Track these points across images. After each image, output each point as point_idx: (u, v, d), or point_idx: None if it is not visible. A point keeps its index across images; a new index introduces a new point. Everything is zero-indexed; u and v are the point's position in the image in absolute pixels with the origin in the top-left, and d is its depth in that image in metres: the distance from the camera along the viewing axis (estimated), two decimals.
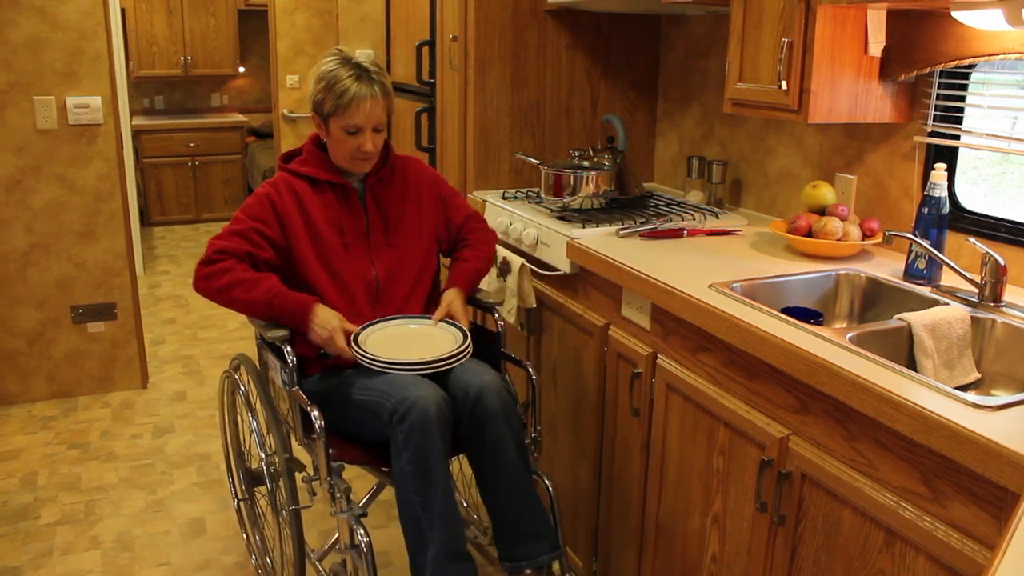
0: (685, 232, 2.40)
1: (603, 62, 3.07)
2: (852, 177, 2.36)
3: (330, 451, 2.06)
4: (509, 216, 2.68)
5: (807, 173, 2.53)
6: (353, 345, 2.08)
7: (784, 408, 1.66)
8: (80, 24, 3.61)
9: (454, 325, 2.21)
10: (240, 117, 7.52)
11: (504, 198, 2.85)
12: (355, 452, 2.15)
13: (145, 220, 6.95)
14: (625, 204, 2.71)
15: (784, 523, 1.66)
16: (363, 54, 4.04)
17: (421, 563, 1.99)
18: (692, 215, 2.57)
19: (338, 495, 2.07)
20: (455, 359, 2.08)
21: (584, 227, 2.40)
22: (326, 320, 2.09)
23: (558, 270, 2.43)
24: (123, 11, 6.49)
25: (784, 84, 2.05)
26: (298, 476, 2.24)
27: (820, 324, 1.89)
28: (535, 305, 2.56)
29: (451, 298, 2.25)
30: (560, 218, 2.53)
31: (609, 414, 2.28)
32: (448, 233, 2.41)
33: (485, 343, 2.34)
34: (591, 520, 2.44)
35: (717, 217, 2.59)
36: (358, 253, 2.24)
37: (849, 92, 2.07)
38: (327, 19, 5.99)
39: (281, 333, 2.12)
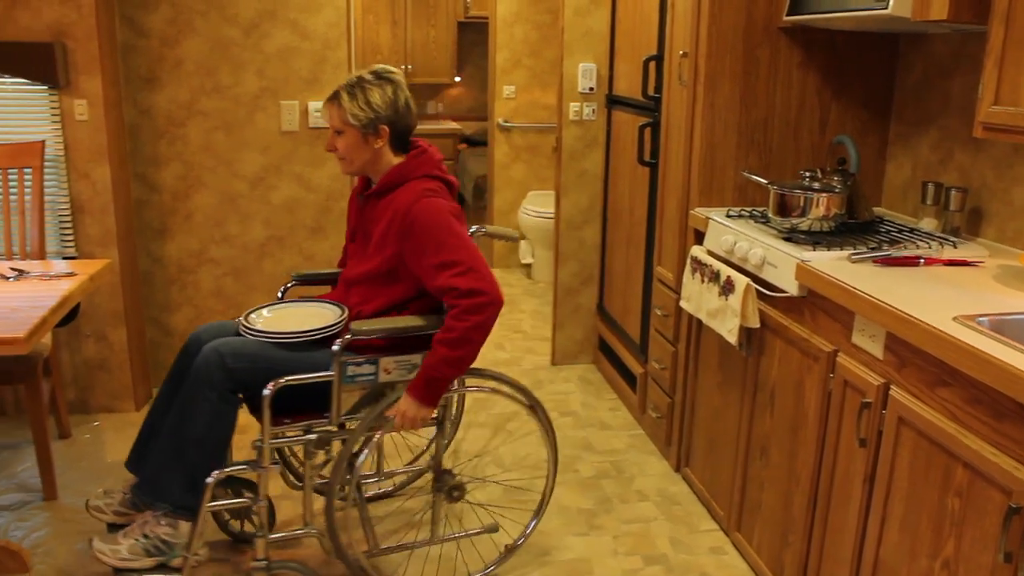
0: (922, 260, 2.30)
1: (835, 81, 2.99)
2: None
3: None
4: (734, 235, 2.66)
5: None
6: (242, 317, 2.50)
7: None
8: (325, 35, 3.87)
9: (338, 307, 2.53)
10: (454, 124, 7.82)
11: (728, 216, 2.83)
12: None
13: None
14: (855, 228, 2.63)
15: None
16: (584, 68, 4.11)
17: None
18: (927, 243, 2.47)
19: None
20: (284, 336, 2.38)
21: (815, 249, 2.35)
22: None
23: (784, 292, 2.39)
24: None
25: None
26: None
27: None
28: (757, 325, 2.52)
29: (399, 408, 2.38)
30: (787, 239, 2.49)
31: (830, 443, 2.22)
32: (423, 283, 2.41)
33: None
34: (801, 548, 2.38)
35: (955, 247, 2.47)
36: (353, 252, 2.62)
37: None
38: (544, 31, 6.12)
39: None
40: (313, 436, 2.41)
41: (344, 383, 2.36)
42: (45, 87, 3.43)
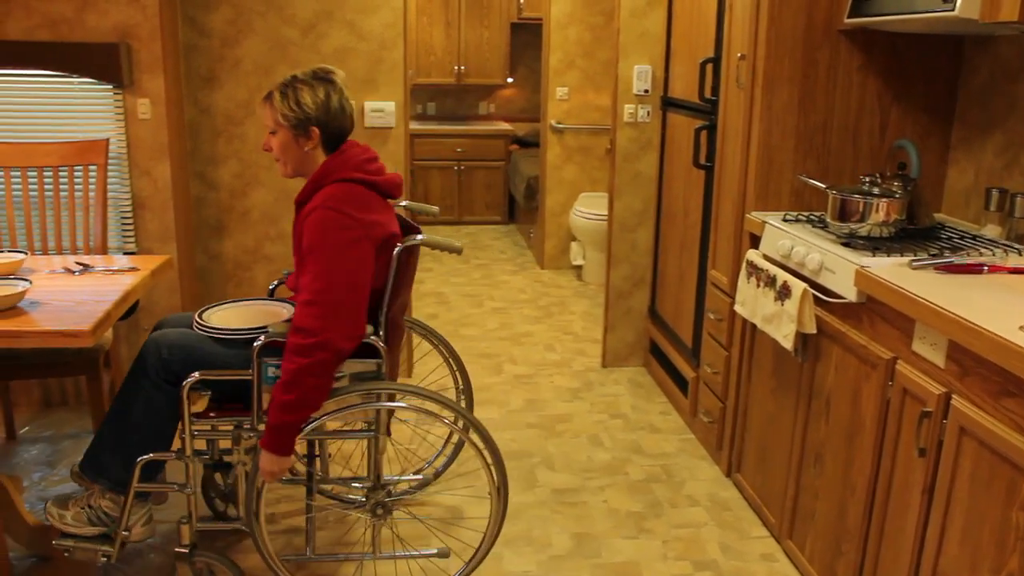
0: (985, 268, 2.25)
1: (896, 85, 2.94)
2: None
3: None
4: (791, 240, 2.63)
5: None
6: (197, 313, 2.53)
7: None
8: (382, 36, 3.91)
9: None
10: (505, 126, 7.83)
11: (785, 220, 2.80)
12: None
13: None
14: (915, 234, 2.59)
15: None
16: (640, 69, 4.10)
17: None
18: (991, 250, 2.42)
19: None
20: (225, 332, 2.42)
21: (874, 255, 2.32)
22: None
23: (842, 298, 2.35)
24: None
25: None
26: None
27: None
28: (814, 331, 2.49)
29: (260, 465, 2.34)
30: (845, 245, 2.45)
31: (888, 452, 2.18)
32: None
33: None
34: (855, 558, 2.35)
35: (1020, 254, 2.42)
36: None
37: None
38: (598, 33, 6.11)
39: None
40: (231, 431, 2.45)
41: (266, 383, 2.36)
42: (110, 86, 3.50)
